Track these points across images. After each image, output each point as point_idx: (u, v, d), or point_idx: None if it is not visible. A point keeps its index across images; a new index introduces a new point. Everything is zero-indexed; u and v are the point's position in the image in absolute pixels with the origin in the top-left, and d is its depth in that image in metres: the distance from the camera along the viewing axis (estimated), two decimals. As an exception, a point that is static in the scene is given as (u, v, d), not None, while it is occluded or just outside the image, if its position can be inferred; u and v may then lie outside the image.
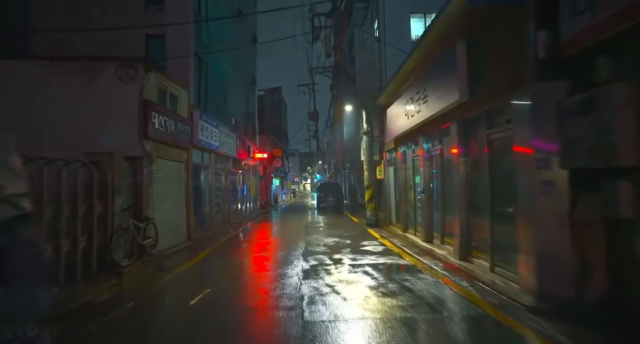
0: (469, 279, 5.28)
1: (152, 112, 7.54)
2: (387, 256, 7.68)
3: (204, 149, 11.60)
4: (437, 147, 8.00)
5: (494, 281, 4.83)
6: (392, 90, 10.87)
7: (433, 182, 8.42)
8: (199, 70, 11.56)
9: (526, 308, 3.91)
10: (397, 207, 11.65)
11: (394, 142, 11.26)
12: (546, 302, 3.83)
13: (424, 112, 7.61)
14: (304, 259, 7.42)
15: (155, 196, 7.81)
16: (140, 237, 6.49)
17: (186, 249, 8.84)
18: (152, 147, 7.66)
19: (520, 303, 4.05)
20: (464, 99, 5.65)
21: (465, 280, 5.23)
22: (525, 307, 3.93)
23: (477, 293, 4.62)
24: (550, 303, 3.81)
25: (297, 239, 10.34)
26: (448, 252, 6.85)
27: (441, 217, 7.65)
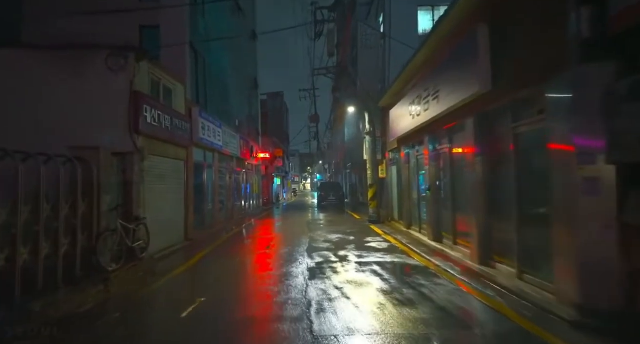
0: (493, 286, 4.77)
1: (144, 105, 7.02)
2: (393, 253, 7.23)
3: (206, 148, 11.14)
4: (445, 146, 7.52)
5: (524, 290, 4.33)
6: (396, 90, 10.45)
7: (439, 180, 7.96)
8: (196, 64, 11.04)
9: (568, 323, 3.41)
10: (400, 204, 11.31)
11: (397, 142, 10.88)
12: (591, 316, 3.33)
13: (434, 109, 7.13)
14: (309, 256, 7.00)
15: (147, 195, 7.29)
16: (129, 239, 5.97)
17: (182, 250, 8.33)
18: (144, 143, 7.14)
19: (559, 316, 3.55)
20: (486, 90, 5.13)
21: (490, 288, 4.72)
22: (566, 321, 3.43)
23: (507, 304, 4.11)
24: (595, 317, 3.31)
25: (301, 235, 9.94)
26: (463, 255, 6.35)
27: (452, 216, 7.15)
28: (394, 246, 8.17)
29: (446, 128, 7.18)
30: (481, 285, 4.88)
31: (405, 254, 7.18)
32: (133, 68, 6.82)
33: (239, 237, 10.39)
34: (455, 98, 6.11)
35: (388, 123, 12.13)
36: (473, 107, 5.75)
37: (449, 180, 7.25)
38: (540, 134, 4.28)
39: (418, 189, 9.28)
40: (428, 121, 7.52)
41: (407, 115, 9.09)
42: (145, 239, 6.55)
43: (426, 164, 8.32)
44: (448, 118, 6.80)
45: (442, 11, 14.65)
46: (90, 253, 5.04)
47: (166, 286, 5.43)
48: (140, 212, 6.68)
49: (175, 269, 6.34)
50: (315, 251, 7.49)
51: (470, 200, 6.07)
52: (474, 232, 5.92)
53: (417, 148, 9.29)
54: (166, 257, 7.39)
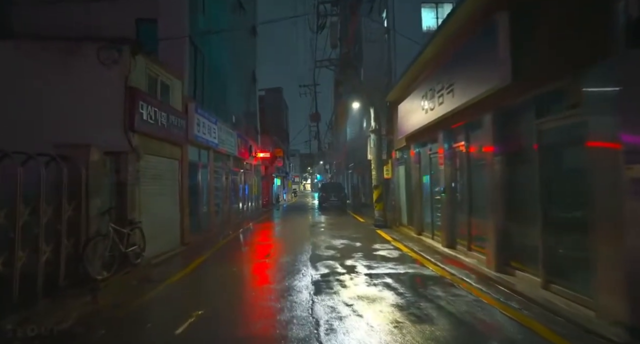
0: (515, 297, 4.36)
1: (140, 101, 6.62)
2: (406, 263, 6.79)
3: (201, 145, 10.70)
4: (461, 143, 7.10)
5: (551, 301, 3.92)
6: (405, 84, 10.00)
7: (455, 182, 7.54)
8: (195, 59, 10.64)
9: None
10: (409, 208, 10.80)
11: (406, 140, 10.38)
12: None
13: (448, 105, 6.72)
14: (313, 266, 6.55)
15: (142, 197, 6.89)
16: (122, 244, 5.56)
17: (179, 256, 7.92)
18: (139, 142, 6.73)
19: (601, 335, 3.13)
20: (505, 84, 4.72)
21: (512, 299, 4.31)
22: (612, 343, 3.02)
23: (535, 318, 3.69)
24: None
25: (303, 241, 9.48)
26: (478, 261, 5.94)
27: (467, 220, 6.74)
28: (405, 254, 7.71)
29: (463, 124, 6.77)
30: (502, 295, 4.47)
31: (418, 264, 6.74)
32: (128, 62, 6.42)
33: (237, 243, 9.90)
34: (472, 92, 5.71)
35: (395, 120, 11.68)
36: (491, 102, 5.33)
37: (466, 181, 6.83)
38: (572, 130, 3.88)
39: (431, 191, 8.84)
40: (442, 116, 7.08)
41: (418, 110, 8.65)
42: (140, 244, 6.14)
43: (440, 163, 7.89)
44: (464, 114, 6.38)
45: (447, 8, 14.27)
46: (77, 261, 4.63)
47: (161, 296, 5.01)
48: (135, 215, 6.28)
49: (172, 276, 5.91)
50: (319, 260, 7.03)
51: (488, 202, 5.66)
52: (490, 236, 5.51)
53: (430, 146, 8.82)
54: (162, 263, 6.98)
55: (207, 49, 11.66)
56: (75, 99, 6.16)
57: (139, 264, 5.91)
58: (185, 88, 9.62)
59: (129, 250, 5.69)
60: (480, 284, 5.05)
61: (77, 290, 4.40)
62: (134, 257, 5.85)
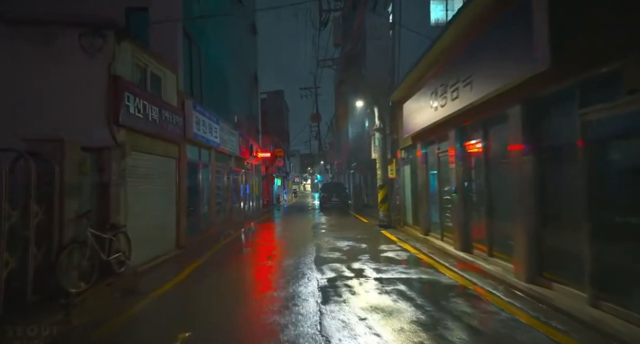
0: (558, 316, 3.75)
1: (125, 92, 5.99)
2: (417, 267, 6.22)
3: (201, 145, 10.12)
4: (477, 141, 6.49)
5: (606, 323, 3.30)
6: (411, 82, 9.44)
7: (469, 181, 6.94)
8: (190, 53, 10.02)
9: None
10: (415, 208, 10.25)
11: (412, 139, 9.81)
12: None
13: (465, 98, 6.13)
14: (318, 269, 5.98)
15: (131, 198, 6.27)
16: (103, 251, 4.93)
17: (172, 261, 7.30)
18: (126, 138, 6.12)
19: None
20: (544, 68, 4.09)
21: (555, 318, 3.69)
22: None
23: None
24: None
25: (306, 242, 8.91)
26: (503, 270, 5.33)
27: (487, 223, 6.12)
28: (414, 256, 7.15)
29: (480, 120, 6.17)
30: (541, 313, 3.85)
31: (431, 268, 6.15)
32: (112, 49, 5.80)
33: (237, 244, 9.35)
34: (496, 83, 5.10)
35: (399, 119, 11.15)
36: (521, 92, 4.71)
37: (483, 180, 6.22)
38: (628, 120, 3.27)
39: (440, 191, 8.25)
40: (456, 111, 6.51)
41: (426, 108, 8.08)
42: (125, 250, 5.52)
43: (451, 162, 7.29)
44: (484, 108, 5.78)
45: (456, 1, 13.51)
46: (49, 272, 4.00)
47: (145, 312, 4.38)
48: (119, 218, 5.66)
49: (160, 286, 5.29)
50: (325, 263, 6.45)
51: (515, 204, 5.04)
52: (519, 242, 4.89)
53: (439, 145, 8.26)
54: (152, 270, 6.36)
55: (204, 44, 11.06)
56: (53, 89, 5.53)
57: (123, 273, 5.28)
58: (181, 83, 9.02)
59: (112, 258, 5.06)
60: (511, 297, 4.44)
61: (46, 307, 3.77)
62: (118, 265, 5.22)
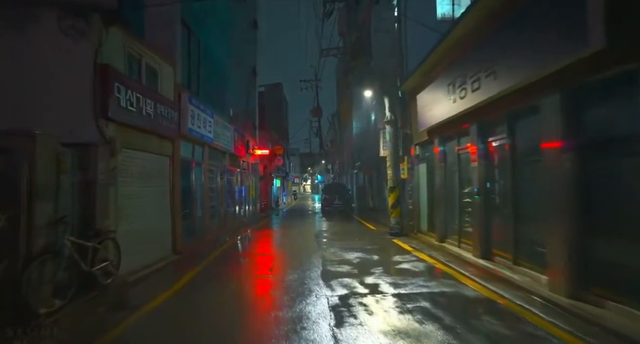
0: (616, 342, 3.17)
1: (115, 83, 5.42)
2: (437, 279, 5.64)
3: (195, 141, 9.50)
4: (502, 136, 5.93)
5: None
6: (426, 70, 8.83)
7: (493, 182, 6.37)
8: (188, 44, 9.45)
9: None
10: (431, 212, 9.57)
11: (428, 134, 9.15)
12: None
13: (488, 89, 5.60)
14: (327, 285, 5.38)
15: (121, 200, 5.70)
16: (86, 261, 4.33)
17: (168, 268, 6.74)
18: (117, 133, 5.54)
19: None
20: (596, 49, 3.51)
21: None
22: None
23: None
24: None
25: (310, 252, 8.28)
26: (535, 281, 4.79)
27: (512, 228, 5.56)
28: (432, 266, 6.55)
29: (505, 113, 5.60)
30: (597, 339, 3.27)
31: (452, 279, 5.58)
32: (99, 34, 5.22)
33: (234, 254, 8.65)
34: (529, 70, 4.55)
35: (412, 111, 10.46)
36: (561, 79, 4.14)
37: (509, 181, 5.64)
38: None
39: (460, 193, 7.66)
40: (477, 104, 5.95)
41: (443, 99, 7.49)
42: (113, 259, 4.93)
43: (473, 160, 6.71)
44: (510, 99, 5.21)
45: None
46: (13, 289, 3.40)
47: (133, 330, 3.79)
48: (108, 223, 5.07)
49: (152, 299, 4.71)
50: (334, 278, 5.82)
51: (550, 208, 4.46)
52: (556, 251, 4.33)
53: (458, 140, 7.64)
54: (145, 279, 5.78)
55: (203, 35, 10.48)
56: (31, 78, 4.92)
57: (110, 285, 4.69)
58: (178, 76, 8.44)
59: (96, 268, 4.46)
60: (552, 315, 3.86)
61: (10, 332, 3.17)
62: (104, 276, 4.63)
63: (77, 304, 4.06)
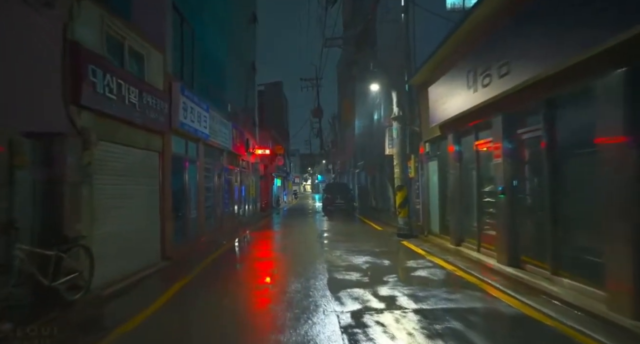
0: None
1: (90, 65, 4.67)
2: (462, 290, 4.89)
3: (189, 136, 8.76)
4: (534, 128, 5.18)
5: None
6: (439, 60, 8.14)
7: (520, 179, 5.64)
8: (181, 31, 8.73)
9: None
10: (443, 213, 8.87)
11: (440, 129, 8.46)
12: None
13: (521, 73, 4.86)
14: (335, 297, 4.65)
15: (99, 200, 4.96)
16: (46, 274, 3.58)
17: (154, 278, 5.99)
18: (92, 123, 4.79)
19: None
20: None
21: None
22: None
23: None
24: None
25: (313, 256, 7.57)
26: (583, 294, 4.06)
27: (550, 232, 4.80)
28: (451, 274, 5.82)
29: (541, 101, 4.86)
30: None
31: (479, 290, 4.84)
32: (69, 7, 4.48)
33: (230, 259, 7.90)
34: (580, 45, 3.79)
35: (422, 107, 9.84)
36: (624, 54, 3.40)
37: (546, 178, 4.88)
38: None
39: (478, 192, 6.92)
40: (506, 91, 5.23)
41: (460, 90, 6.76)
42: (83, 269, 4.18)
43: (496, 156, 5.98)
44: (550, 83, 4.48)
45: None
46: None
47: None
48: (78, 227, 4.32)
49: (129, 319, 3.93)
50: (342, 288, 5.07)
51: (611, 211, 3.71)
52: (620, 261, 3.58)
53: (477, 135, 6.93)
54: (124, 292, 5.00)
55: (198, 24, 9.75)
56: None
57: (78, 301, 3.94)
58: (169, 64, 7.71)
59: (60, 282, 3.71)
60: (618, 341, 3.12)
61: None
62: (71, 291, 3.88)
63: (33, 327, 3.31)
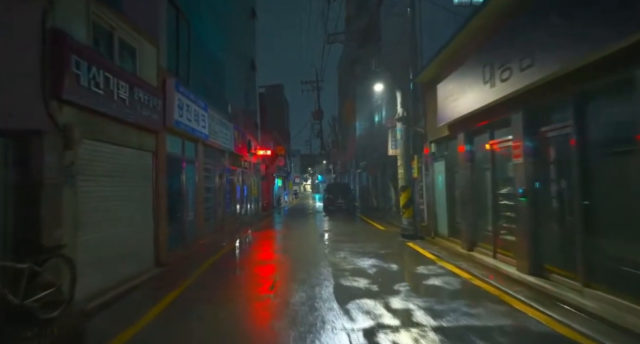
0: None
1: (73, 55, 4.23)
2: (483, 303, 4.46)
3: (186, 135, 8.33)
4: (563, 124, 4.72)
5: None
6: (452, 52, 7.69)
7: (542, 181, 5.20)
8: (177, 25, 8.29)
9: None
10: (451, 214, 8.45)
11: (449, 129, 8.04)
12: None
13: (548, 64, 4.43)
14: (343, 310, 4.24)
15: (85, 204, 4.52)
16: (16, 291, 3.14)
17: (147, 286, 5.56)
18: (76, 119, 4.35)
19: None
20: None
21: None
22: None
23: None
24: None
25: (316, 259, 7.17)
26: (625, 313, 3.58)
27: (583, 240, 4.34)
28: (467, 282, 5.39)
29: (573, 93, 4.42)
30: None
31: (502, 304, 4.40)
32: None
33: (230, 263, 7.44)
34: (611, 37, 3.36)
35: (428, 106, 9.46)
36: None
37: (577, 180, 4.43)
38: None
39: (493, 194, 6.49)
40: (531, 84, 4.78)
41: (475, 85, 6.33)
42: (63, 283, 3.74)
43: (516, 156, 5.53)
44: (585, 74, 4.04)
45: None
46: None
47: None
48: (58, 235, 3.88)
49: (111, 339, 3.50)
50: (350, 298, 4.63)
51: None
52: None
53: (492, 134, 6.50)
54: (111, 304, 4.56)
55: (195, 18, 9.32)
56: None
57: (55, 320, 3.49)
58: (163, 58, 7.28)
59: (34, 299, 3.27)
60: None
61: None
62: (46, 309, 3.44)
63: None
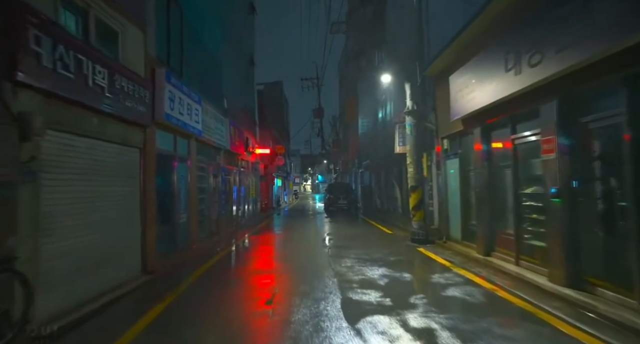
0: None
1: (33, 30, 3.55)
2: (519, 322, 3.83)
3: (177, 130, 7.65)
4: (612, 113, 4.04)
5: None
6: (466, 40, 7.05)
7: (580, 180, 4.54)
8: (167, 10, 7.62)
9: None
10: (465, 217, 7.79)
11: (464, 124, 7.38)
12: None
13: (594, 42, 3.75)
14: (355, 332, 3.61)
15: (50, 206, 3.85)
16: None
17: (128, 299, 4.89)
18: (37, 107, 3.68)
19: None
20: None
21: None
22: None
23: None
24: None
25: (320, 266, 6.53)
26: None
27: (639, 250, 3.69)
28: (493, 295, 4.72)
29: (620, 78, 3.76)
30: None
31: (542, 324, 3.74)
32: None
33: (224, 272, 6.68)
34: None
35: (439, 99, 8.81)
36: None
37: (630, 179, 3.76)
38: None
39: (515, 195, 5.83)
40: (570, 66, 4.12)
41: (495, 74, 5.68)
42: (12, 305, 3.06)
43: (546, 151, 4.87)
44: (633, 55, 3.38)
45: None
46: None
47: None
48: (9, 244, 3.20)
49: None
50: (361, 315, 3.97)
51: None
52: None
53: (515, 128, 5.85)
54: (83, 323, 3.89)
55: (187, 5, 8.65)
56: None
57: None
58: (152, 46, 6.60)
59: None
60: None
61: None
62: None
63: None
